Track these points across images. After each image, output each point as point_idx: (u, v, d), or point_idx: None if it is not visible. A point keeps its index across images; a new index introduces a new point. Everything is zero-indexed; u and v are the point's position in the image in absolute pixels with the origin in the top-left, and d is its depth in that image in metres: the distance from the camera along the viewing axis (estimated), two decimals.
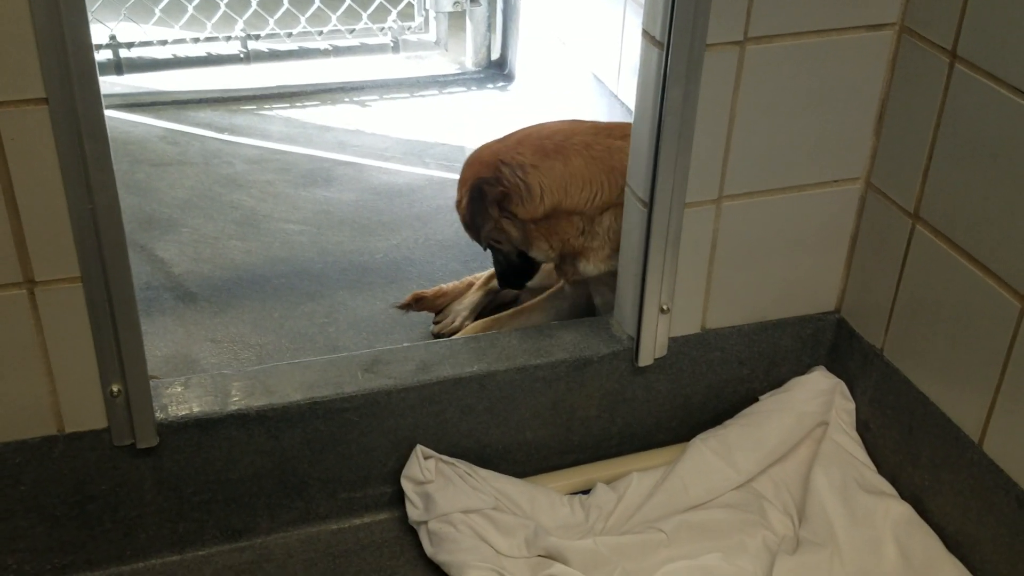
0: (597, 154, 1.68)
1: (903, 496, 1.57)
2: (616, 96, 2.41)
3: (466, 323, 1.98)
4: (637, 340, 1.60)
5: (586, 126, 1.75)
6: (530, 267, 1.84)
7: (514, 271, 1.84)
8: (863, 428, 1.66)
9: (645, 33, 1.43)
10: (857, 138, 1.56)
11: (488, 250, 1.85)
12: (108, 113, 2.86)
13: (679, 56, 1.40)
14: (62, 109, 1.22)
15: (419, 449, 1.57)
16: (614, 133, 1.72)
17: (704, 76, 1.43)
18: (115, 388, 1.39)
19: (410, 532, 1.58)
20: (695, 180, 1.50)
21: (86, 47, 1.21)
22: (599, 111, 2.54)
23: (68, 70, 1.20)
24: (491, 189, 1.69)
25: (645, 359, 1.61)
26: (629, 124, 1.71)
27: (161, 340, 2.00)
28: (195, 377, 1.52)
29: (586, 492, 1.62)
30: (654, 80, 1.43)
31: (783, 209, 1.58)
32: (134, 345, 1.37)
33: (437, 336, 2.00)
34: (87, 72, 1.21)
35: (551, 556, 1.50)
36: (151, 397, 1.42)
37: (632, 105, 2.29)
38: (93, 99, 1.23)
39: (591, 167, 1.67)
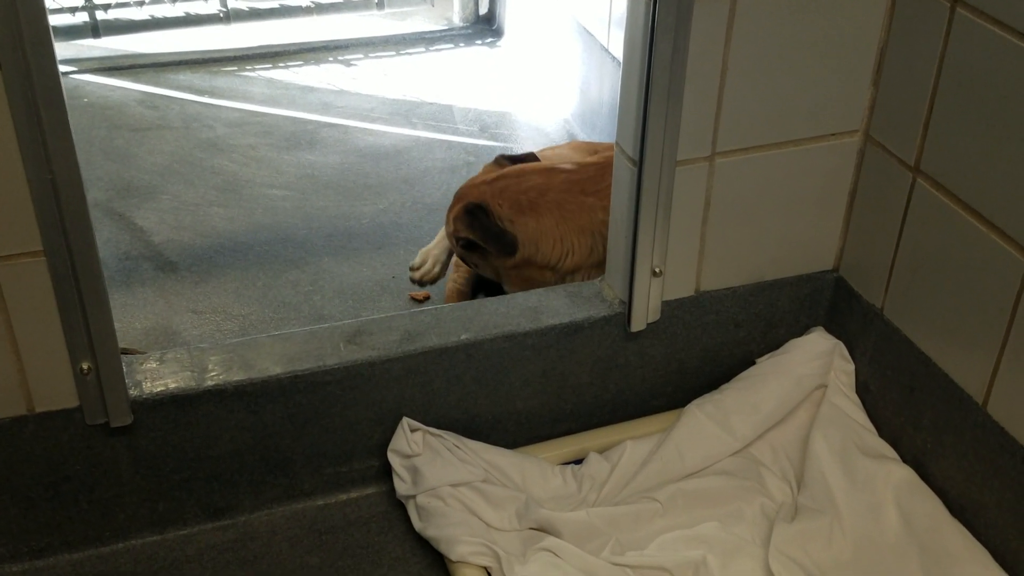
0: (569, 213, 1.78)
1: (905, 459, 1.53)
2: (607, 49, 2.34)
3: (438, 268, 2.01)
4: (629, 305, 1.54)
5: (560, 179, 1.81)
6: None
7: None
8: (863, 390, 1.61)
9: None
10: (855, 89, 1.50)
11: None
12: (85, 77, 2.81)
13: (668, 6, 1.33)
14: (15, 75, 1.15)
15: (405, 421, 1.52)
16: (587, 188, 1.79)
17: (694, 26, 1.36)
18: (85, 365, 1.34)
19: (398, 506, 1.53)
20: (686, 137, 1.44)
21: (39, 9, 1.13)
22: (589, 66, 2.47)
23: (20, 33, 1.13)
24: (484, 217, 1.78)
25: (638, 324, 1.56)
26: (602, 170, 1.79)
27: (141, 312, 1.95)
28: (170, 352, 1.47)
29: (579, 462, 1.58)
30: (641, 32, 1.36)
31: (779, 165, 1.52)
32: (103, 320, 1.32)
33: (419, 282, 2.02)
34: (41, 35, 1.14)
35: (543, 529, 1.45)
36: (123, 374, 1.37)
37: (622, 58, 2.22)
38: (48, 64, 1.15)
39: (562, 226, 1.77)
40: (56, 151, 1.19)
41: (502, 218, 1.79)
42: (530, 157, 1.98)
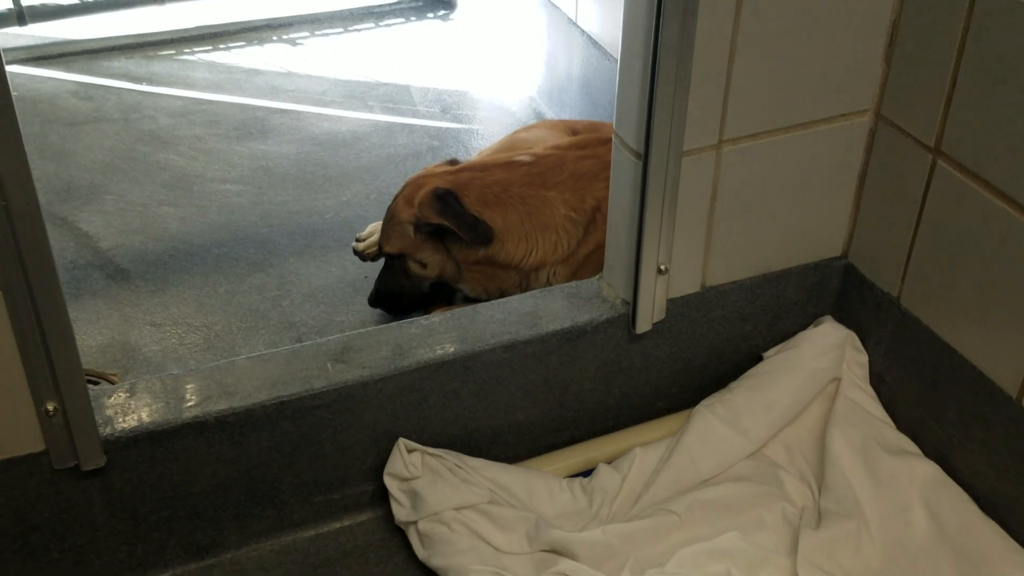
0: (532, 210, 1.69)
1: (926, 454, 1.46)
2: (575, 23, 2.22)
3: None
4: (634, 305, 1.44)
5: (522, 173, 1.71)
6: (428, 300, 1.82)
7: (407, 297, 1.80)
8: (878, 381, 1.54)
9: None
10: (865, 66, 1.41)
11: (385, 263, 1.79)
12: (12, 69, 2.61)
13: None
14: None
15: (401, 442, 1.41)
16: (548, 181, 1.71)
17: (702, 6, 1.25)
18: (50, 406, 1.20)
19: (396, 532, 1.43)
20: (693, 125, 1.34)
21: None
22: (555, 40, 2.35)
23: None
24: (456, 203, 1.66)
25: (643, 325, 1.46)
26: (560, 161, 1.72)
27: (95, 327, 1.80)
28: (142, 381, 1.34)
29: (586, 474, 1.48)
30: (645, 16, 1.25)
31: (787, 150, 1.43)
32: (68, 357, 1.18)
33: (360, 255, 1.91)
34: None
35: (556, 550, 1.36)
36: (93, 412, 1.24)
37: (591, 32, 2.11)
38: None
39: (526, 223, 1.69)
40: (8, 174, 1.05)
41: (468, 210, 1.67)
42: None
